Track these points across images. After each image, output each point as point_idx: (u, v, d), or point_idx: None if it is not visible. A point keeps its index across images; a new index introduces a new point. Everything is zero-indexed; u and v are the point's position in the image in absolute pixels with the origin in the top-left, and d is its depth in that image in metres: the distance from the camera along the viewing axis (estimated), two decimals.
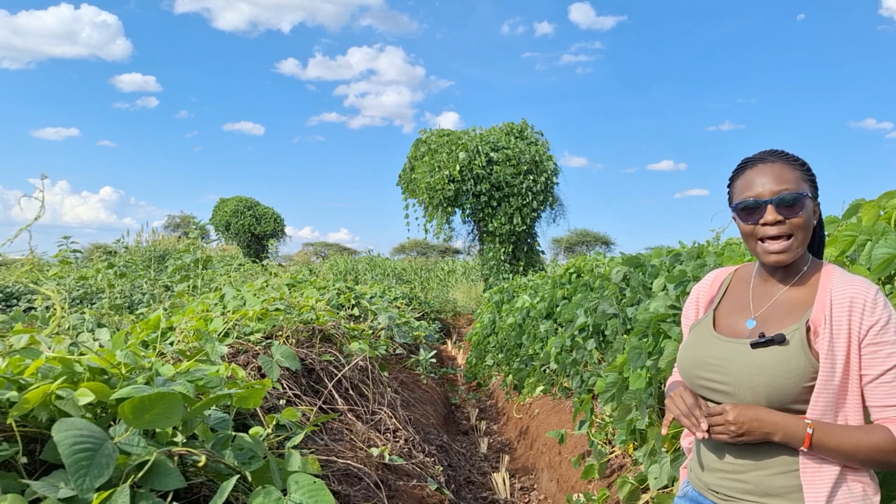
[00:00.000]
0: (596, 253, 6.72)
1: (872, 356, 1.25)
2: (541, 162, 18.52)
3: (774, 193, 1.32)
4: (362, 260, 27.04)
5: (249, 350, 3.12)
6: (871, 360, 1.25)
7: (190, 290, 6.00)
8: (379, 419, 3.52)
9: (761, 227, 1.33)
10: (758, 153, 1.41)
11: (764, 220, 1.32)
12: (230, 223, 28.97)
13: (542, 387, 6.09)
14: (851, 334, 1.26)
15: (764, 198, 1.32)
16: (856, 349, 1.26)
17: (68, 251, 7.61)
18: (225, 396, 1.78)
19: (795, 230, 1.32)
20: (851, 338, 1.26)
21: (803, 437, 1.24)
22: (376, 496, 2.48)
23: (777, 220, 1.31)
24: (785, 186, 1.32)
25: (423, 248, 42.77)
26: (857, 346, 1.26)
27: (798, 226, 1.31)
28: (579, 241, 40.28)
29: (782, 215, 1.31)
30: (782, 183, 1.32)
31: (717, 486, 1.43)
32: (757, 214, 1.33)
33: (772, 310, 1.40)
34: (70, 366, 1.59)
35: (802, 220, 1.32)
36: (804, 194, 1.32)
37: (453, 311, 19.37)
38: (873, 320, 1.25)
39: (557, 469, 4.59)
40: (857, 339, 1.26)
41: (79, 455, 1.21)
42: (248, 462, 1.70)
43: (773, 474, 1.33)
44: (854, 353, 1.26)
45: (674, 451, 2.77)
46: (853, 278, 1.31)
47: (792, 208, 1.31)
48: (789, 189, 1.31)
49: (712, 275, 1.62)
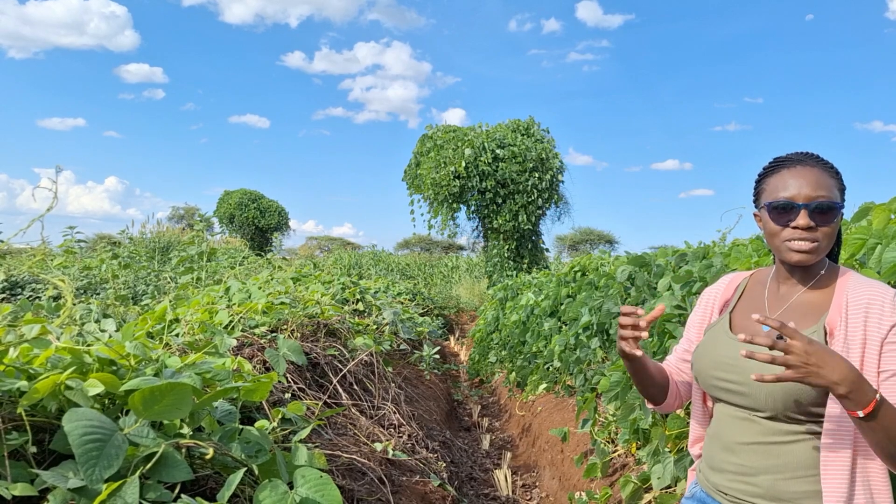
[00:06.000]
0: (600, 251, 6.72)
1: (893, 353, 1.25)
2: (546, 159, 18.47)
3: (810, 199, 1.31)
4: (366, 255, 27.05)
5: (255, 343, 3.13)
6: (892, 357, 1.25)
7: (194, 282, 6.01)
8: (383, 414, 3.53)
9: (791, 229, 1.33)
10: (794, 153, 1.39)
11: (795, 224, 1.31)
12: (234, 216, 28.99)
13: (545, 384, 6.09)
14: (868, 335, 1.26)
15: (799, 201, 1.31)
16: (874, 349, 1.26)
17: (73, 241, 7.64)
18: (233, 389, 1.78)
19: (823, 237, 1.31)
20: (868, 339, 1.26)
21: (868, 402, 1.14)
22: (380, 491, 2.48)
23: (809, 226, 1.30)
24: (822, 193, 1.31)
25: (427, 244, 42.77)
26: (876, 346, 1.25)
27: (827, 234, 1.31)
28: (583, 239, 40.24)
29: (815, 221, 1.30)
30: (819, 189, 1.31)
31: (726, 487, 1.42)
32: (789, 216, 1.33)
33: (789, 312, 1.40)
34: (79, 356, 1.59)
35: (831, 230, 1.32)
36: (838, 204, 1.32)
37: (457, 308, 19.38)
38: (894, 320, 1.25)
39: (560, 467, 4.60)
40: (877, 339, 1.25)
41: (89, 445, 1.22)
42: (254, 455, 1.70)
43: (786, 478, 1.32)
44: (870, 355, 1.26)
45: (677, 451, 2.77)
46: (870, 282, 1.32)
47: (825, 216, 1.31)
48: (826, 197, 1.31)
49: (727, 278, 1.61)
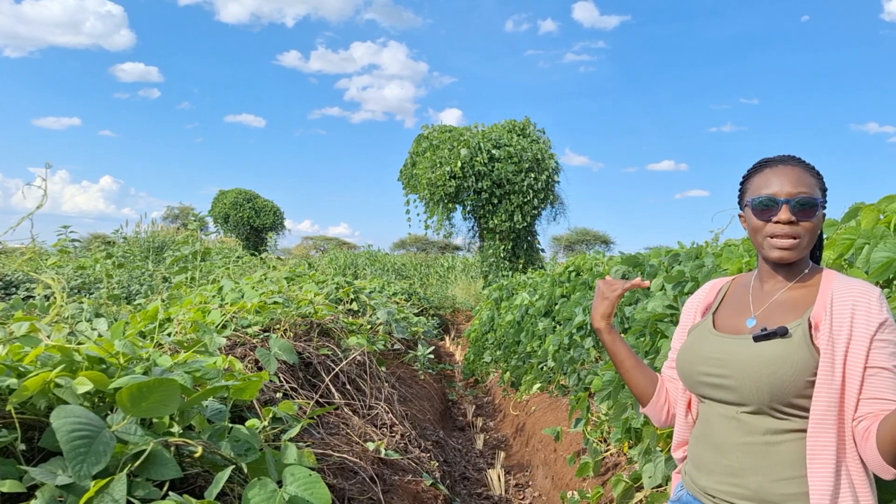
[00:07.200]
0: (595, 252, 6.73)
1: (881, 350, 1.27)
2: (542, 160, 18.50)
3: (792, 195, 1.36)
4: (362, 254, 27.01)
5: (247, 343, 3.13)
6: (879, 353, 1.27)
7: (188, 281, 6.00)
8: (376, 414, 3.53)
9: (773, 224, 1.37)
10: (777, 156, 1.45)
11: (777, 219, 1.35)
12: (229, 215, 28.96)
13: (539, 384, 6.10)
14: (854, 332, 1.27)
15: (781, 197, 1.36)
16: (859, 346, 1.27)
17: (67, 240, 7.61)
18: (222, 388, 1.79)
19: (805, 233, 1.36)
20: (854, 335, 1.27)
21: None
22: (371, 490, 2.49)
23: (790, 221, 1.35)
24: (802, 190, 1.36)
25: (423, 244, 42.76)
26: (863, 343, 1.27)
27: (808, 229, 1.36)
28: (579, 239, 40.29)
29: (796, 217, 1.35)
30: (800, 186, 1.36)
31: (713, 489, 1.41)
32: (771, 212, 1.37)
33: (772, 309, 1.42)
34: (69, 354, 1.59)
35: (813, 225, 1.36)
36: (819, 200, 1.37)
37: (452, 308, 19.38)
38: (881, 318, 1.28)
39: (553, 466, 4.61)
40: (865, 336, 1.27)
41: (77, 442, 1.22)
42: (244, 454, 1.70)
43: (775, 480, 1.32)
44: (854, 350, 1.27)
45: (668, 450, 2.78)
46: (856, 281, 1.34)
47: (806, 212, 1.35)
48: (806, 193, 1.36)
49: (708, 285, 1.64)
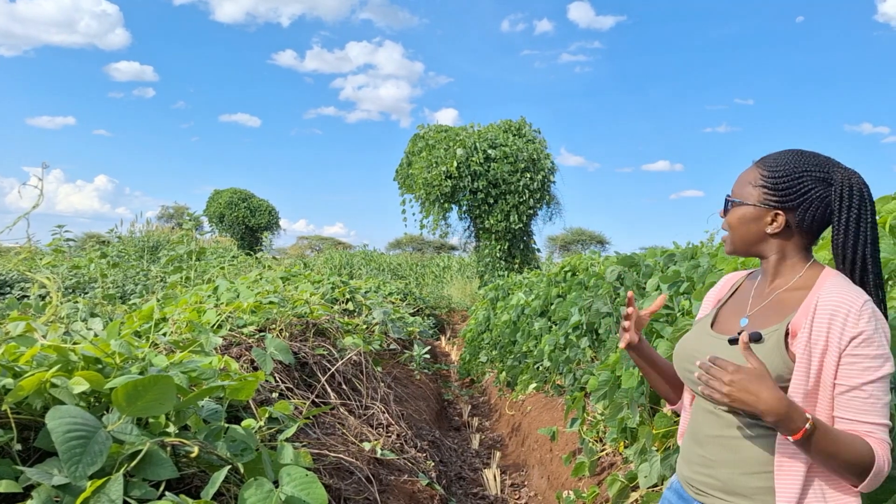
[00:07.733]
0: (591, 252, 6.74)
1: (850, 367, 1.25)
2: (538, 160, 18.52)
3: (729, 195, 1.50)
4: (358, 254, 27.01)
5: (242, 342, 3.12)
6: (849, 371, 1.25)
7: (183, 281, 5.99)
8: (371, 414, 3.53)
9: None
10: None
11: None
12: (224, 215, 28.89)
13: (534, 384, 6.11)
14: (830, 344, 1.26)
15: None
16: (832, 359, 1.26)
17: (62, 240, 7.58)
18: (218, 388, 1.79)
19: (728, 228, 1.49)
20: (829, 347, 1.26)
21: (797, 430, 1.19)
22: (367, 490, 2.49)
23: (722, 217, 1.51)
24: (734, 189, 1.48)
25: (418, 244, 42.77)
26: (834, 356, 1.26)
27: (730, 224, 1.48)
28: (575, 239, 40.38)
29: (725, 213, 1.50)
30: (735, 185, 1.49)
31: (691, 479, 1.48)
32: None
33: (765, 309, 1.44)
34: (65, 354, 1.59)
35: (734, 220, 1.46)
36: (736, 200, 1.46)
37: (448, 308, 19.38)
38: (856, 332, 1.24)
39: (548, 466, 4.61)
40: (837, 348, 1.25)
41: (72, 443, 1.22)
42: (240, 454, 1.70)
43: (744, 473, 1.36)
44: (828, 363, 1.26)
45: (664, 449, 2.79)
46: (844, 288, 1.30)
47: (727, 209, 1.49)
48: (734, 193, 1.48)
49: (726, 277, 1.69)
